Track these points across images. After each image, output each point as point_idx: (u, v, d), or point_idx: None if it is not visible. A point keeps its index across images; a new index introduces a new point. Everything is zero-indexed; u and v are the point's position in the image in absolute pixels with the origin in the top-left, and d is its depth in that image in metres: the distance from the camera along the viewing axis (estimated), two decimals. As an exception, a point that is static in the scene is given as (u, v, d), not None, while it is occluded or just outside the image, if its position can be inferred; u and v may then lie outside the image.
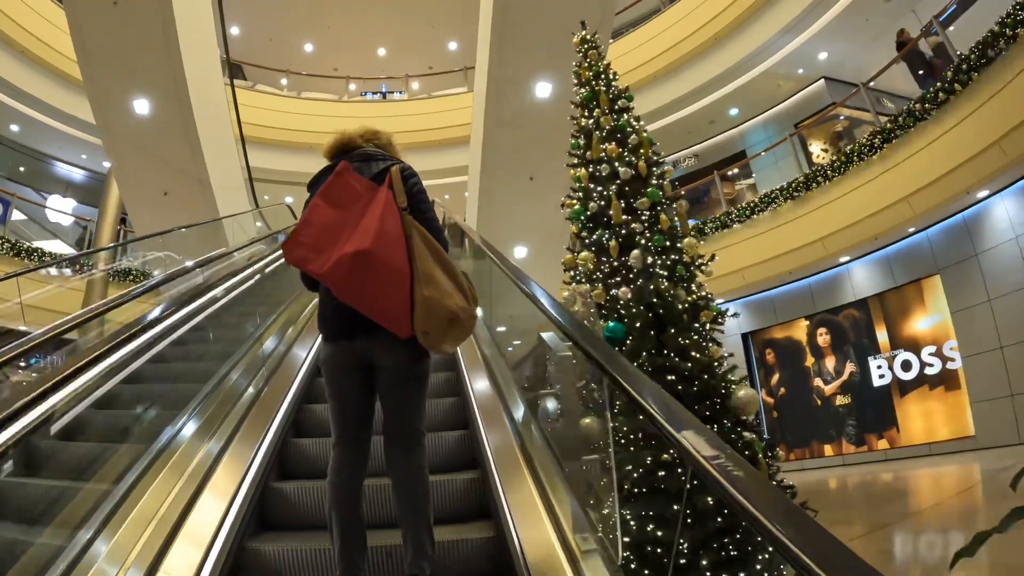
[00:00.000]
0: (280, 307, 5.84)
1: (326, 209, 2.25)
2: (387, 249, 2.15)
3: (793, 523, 1.01)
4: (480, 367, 3.99)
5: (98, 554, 2.13)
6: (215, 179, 10.83)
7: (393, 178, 2.34)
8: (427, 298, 2.13)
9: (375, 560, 2.48)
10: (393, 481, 2.28)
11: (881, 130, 10.54)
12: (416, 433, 2.31)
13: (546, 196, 11.34)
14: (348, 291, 2.15)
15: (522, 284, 3.18)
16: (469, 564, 2.53)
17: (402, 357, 2.26)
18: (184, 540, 2.33)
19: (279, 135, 16.97)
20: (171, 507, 2.46)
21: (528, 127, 9.83)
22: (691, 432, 1.38)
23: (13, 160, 16.54)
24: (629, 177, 5.16)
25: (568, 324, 2.48)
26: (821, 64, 14.50)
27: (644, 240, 4.90)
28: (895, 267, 11.48)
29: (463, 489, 2.99)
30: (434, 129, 16.97)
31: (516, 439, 3.02)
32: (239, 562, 2.49)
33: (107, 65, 9.07)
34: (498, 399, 3.46)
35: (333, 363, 2.31)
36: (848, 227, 11.16)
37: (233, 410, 3.35)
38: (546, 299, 2.84)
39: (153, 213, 10.95)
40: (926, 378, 10.96)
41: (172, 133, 10.08)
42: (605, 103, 5.54)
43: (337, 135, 2.52)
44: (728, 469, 1.19)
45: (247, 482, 2.78)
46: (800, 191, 11.97)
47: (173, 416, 3.15)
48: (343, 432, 2.31)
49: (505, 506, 2.54)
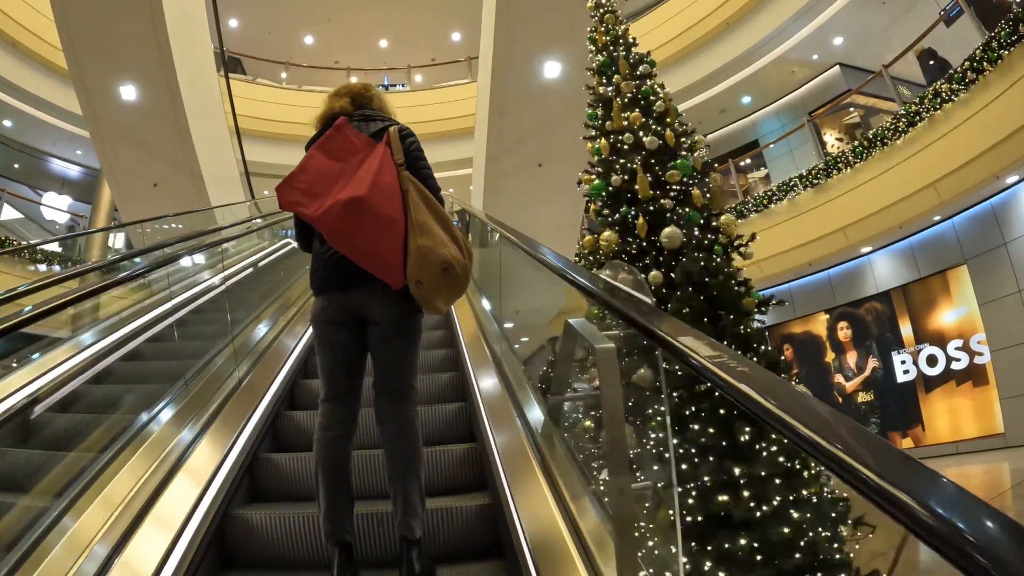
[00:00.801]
0: (275, 294, 5.87)
1: (323, 159, 2.28)
2: (382, 198, 2.17)
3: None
4: (490, 368, 3.60)
5: (92, 500, 2.22)
6: (207, 170, 10.68)
7: (391, 137, 2.37)
8: (421, 247, 2.15)
9: (365, 527, 2.43)
10: (382, 436, 2.26)
11: (905, 113, 10.25)
12: (407, 388, 2.30)
13: (556, 184, 11.24)
14: (341, 237, 2.16)
15: (537, 252, 2.88)
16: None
17: (394, 311, 2.25)
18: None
19: (279, 128, 16.96)
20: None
21: (535, 111, 9.61)
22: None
23: (7, 157, 16.55)
24: (656, 147, 4.73)
25: (600, 289, 2.09)
26: (836, 50, 14.30)
27: (675, 217, 4.47)
28: (919, 257, 11.23)
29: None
30: (437, 120, 16.86)
31: (535, 454, 2.57)
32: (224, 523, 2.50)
33: (92, 49, 8.96)
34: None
35: (324, 316, 2.30)
36: (871, 216, 10.94)
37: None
38: (568, 266, 2.52)
39: (143, 206, 10.73)
40: (952, 373, 10.71)
41: (161, 123, 9.98)
42: (625, 69, 5.15)
43: (328, 105, 2.51)
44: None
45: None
46: (820, 178, 11.68)
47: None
48: (332, 388, 2.29)
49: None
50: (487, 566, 2.34)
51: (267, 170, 15.99)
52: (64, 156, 17.16)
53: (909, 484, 0.69)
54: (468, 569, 2.31)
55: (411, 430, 2.25)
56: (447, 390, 3.78)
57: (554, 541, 2.00)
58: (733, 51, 14.84)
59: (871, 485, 0.72)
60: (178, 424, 2.87)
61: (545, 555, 1.96)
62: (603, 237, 4.60)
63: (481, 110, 10.70)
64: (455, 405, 3.45)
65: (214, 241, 5.05)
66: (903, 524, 0.66)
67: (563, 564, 1.91)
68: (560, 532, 2.02)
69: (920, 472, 0.72)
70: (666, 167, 4.68)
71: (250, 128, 16.09)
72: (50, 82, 13.97)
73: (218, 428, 2.91)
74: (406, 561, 2.10)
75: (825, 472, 3.42)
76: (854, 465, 0.75)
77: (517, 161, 10.19)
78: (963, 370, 10.55)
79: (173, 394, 3.21)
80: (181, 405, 3.06)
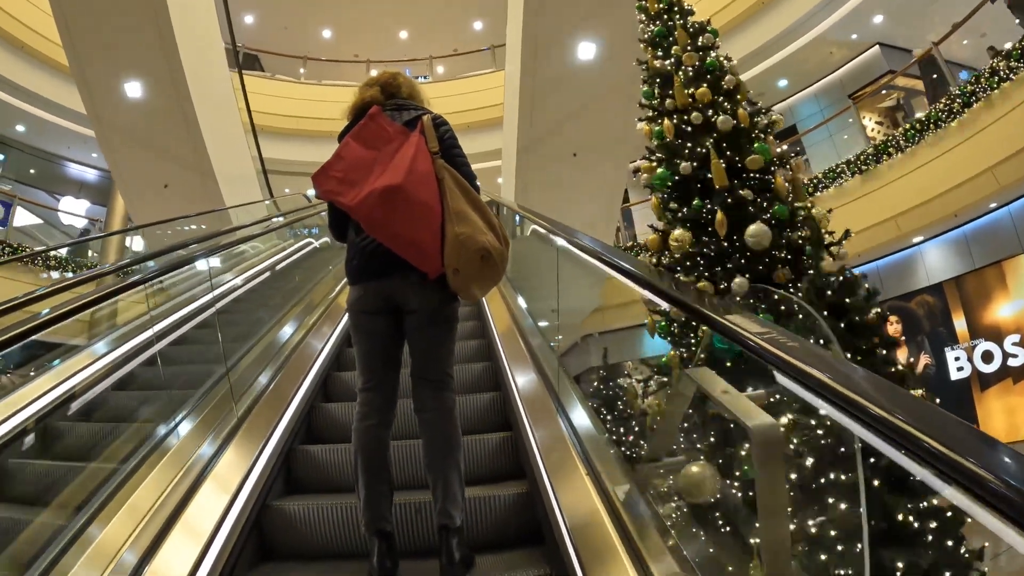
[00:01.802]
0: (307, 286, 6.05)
1: (358, 148, 2.34)
2: (418, 186, 2.23)
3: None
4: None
5: (129, 495, 2.30)
6: (219, 170, 10.55)
7: (425, 125, 2.42)
8: (459, 234, 2.19)
9: (404, 516, 2.51)
10: (421, 425, 2.32)
11: (960, 93, 9.96)
12: (445, 376, 2.36)
13: (592, 174, 10.86)
14: (378, 225, 2.22)
15: (572, 238, 2.75)
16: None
17: (430, 298, 2.31)
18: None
19: (299, 124, 17.12)
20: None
21: (569, 97, 9.37)
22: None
23: (23, 162, 16.93)
24: (730, 128, 4.20)
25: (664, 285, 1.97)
26: (876, 28, 14.08)
27: (754, 210, 3.93)
28: (973, 247, 10.94)
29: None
30: (462, 112, 16.67)
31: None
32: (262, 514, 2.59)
33: (93, 45, 8.83)
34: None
35: (360, 305, 2.36)
36: (924, 204, 10.68)
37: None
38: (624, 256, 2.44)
39: (154, 208, 10.71)
40: (1010, 370, 10.38)
41: (169, 121, 9.83)
42: (684, 39, 4.69)
43: (359, 95, 2.58)
44: None
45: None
46: (869, 164, 11.39)
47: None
48: (370, 376, 2.36)
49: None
50: (526, 554, 2.39)
51: (288, 167, 16.11)
52: (79, 159, 17.46)
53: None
54: (507, 557, 2.37)
55: (450, 418, 2.31)
56: (480, 380, 3.86)
57: (595, 528, 2.03)
58: (769, 32, 14.62)
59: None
60: (215, 418, 2.96)
61: (587, 542, 2.00)
62: (673, 236, 4.08)
63: (510, 98, 10.57)
64: (489, 394, 3.53)
65: (230, 242, 5.17)
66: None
67: (606, 551, 1.93)
68: (601, 518, 2.05)
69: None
70: (743, 151, 4.16)
71: (269, 125, 16.28)
72: (60, 84, 14.13)
73: (254, 421, 2.99)
74: (446, 550, 2.15)
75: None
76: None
77: (550, 151, 9.99)
78: (1021, 367, 10.22)
79: (205, 390, 3.31)
80: (217, 399, 3.15)
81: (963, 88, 10.02)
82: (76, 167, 17.65)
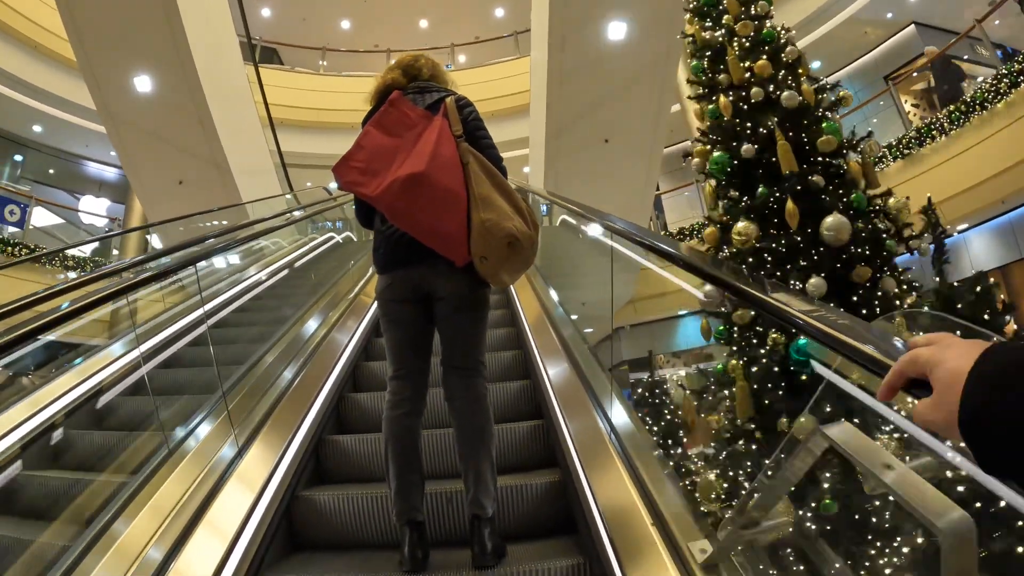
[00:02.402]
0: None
1: (379, 135, 2.33)
2: (442, 173, 2.20)
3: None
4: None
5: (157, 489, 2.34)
6: (235, 163, 10.50)
7: (448, 108, 2.40)
8: (485, 221, 2.17)
9: (435, 506, 2.53)
10: (452, 413, 2.32)
11: (1008, 72, 9.67)
12: (476, 364, 2.37)
13: (625, 161, 10.57)
14: (402, 215, 2.21)
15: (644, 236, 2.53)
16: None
17: (460, 285, 2.30)
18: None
19: (320, 116, 17.24)
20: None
21: (599, 79, 9.10)
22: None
23: (41, 162, 17.12)
24: (795, 105, 3.79)
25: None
26: (911, 7, 13.80)
27: (828, 199, 3.56)
28: (1020, 236, 10.60)
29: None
30: (485, 100, 16.30)
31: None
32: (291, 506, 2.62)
33: (100, 38, 8.74)
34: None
35: (389, 294, 2.37)
36: (969, 189, 10.36)
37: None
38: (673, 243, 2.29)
39: (169, 204, 10.61)
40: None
41: (181, 115, 9.76)
42: (736, 8, 4.28)
43: (381, 79, 2.59)
44: None
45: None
46: (912, 148, 11.10)
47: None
48: (401, 366, 2.37)
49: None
50: (559, 543, 2.40)
51: (309, 160, 16.24)
52: (98, 158, 17.66)
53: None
54: (540, 546, 2.37)
55: (481, 407, 2.31)
56: (510, 369, 3.88)
57: (629, 516, 2.02)
58: (801, 11, 14.35)
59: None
60: (244, 407, 3.01)
61: (621, 532, 1.99)
62: (737, 229, 3.65)
63: (537, 84, 10.41)
64: (519, 383, 3.54)
65: (248, 235, 5.25)
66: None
67: (641, 539, 1.92)
68: (636, 505, 2.04)
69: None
70: (810, 131, 3.76)
71: (288, 118, 16.46)
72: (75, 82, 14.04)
73: (283, 411, 3.03)
74: (478, 539, 2.16)
75: None
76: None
77: (581, 137, 9.76)
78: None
79: (233, 381, 3.39)
80: (247, 389, 3.22)
81: (1009, 67, 9.72)
82: (95, 166, 17.88)
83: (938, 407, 0.63)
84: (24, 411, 3.11)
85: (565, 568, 2.10)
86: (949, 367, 0.64)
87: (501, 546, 2.22)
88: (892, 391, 0.73)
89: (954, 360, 0.64)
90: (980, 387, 0.59)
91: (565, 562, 2.12)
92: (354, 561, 2.38)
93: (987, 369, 0.60)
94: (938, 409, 0.63)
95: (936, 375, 0.65)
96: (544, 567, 2.11)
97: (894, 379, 0.72)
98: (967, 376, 0.61)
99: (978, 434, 0.59)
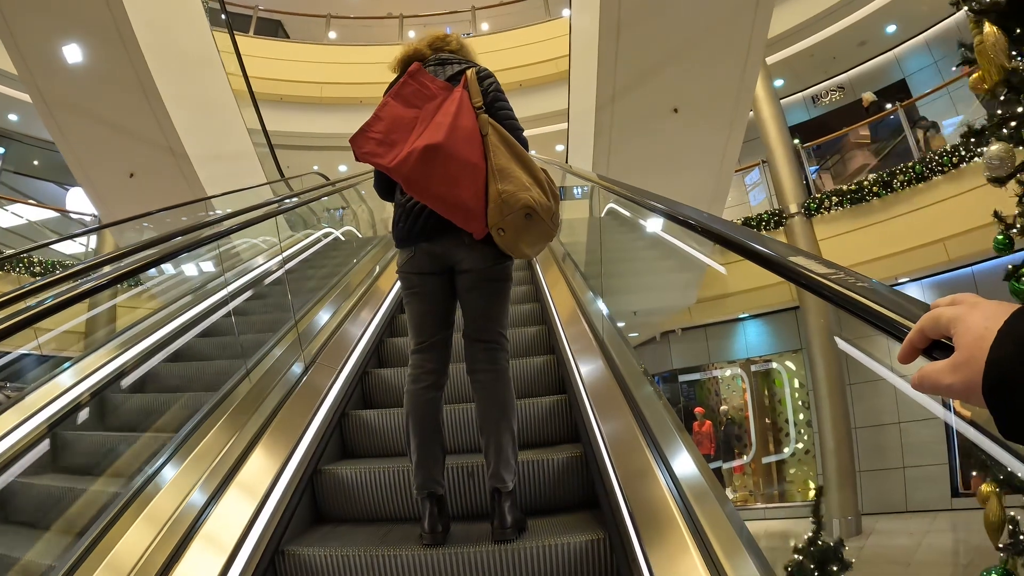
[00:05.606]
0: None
1: (397, 106, 2.51)
2: (460, 144, 2.39)
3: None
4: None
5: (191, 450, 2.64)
6: (193, 148, 9.56)
7: (469, 80, 2.58)
8: (501, 192, 2.35)
9: (455, 479, 2.74)
10: (474, 387, 2.52)
11: None
12: (499, 337, 2.56)
13: (700, 135, 9.21)
14: (418, 186, 2.38)
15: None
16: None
17: (482, 257, 2.50)
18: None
19: (325, 92, 17.11)
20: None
21: (667, 33, 7.74)
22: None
23: (23, 153, 16.92)
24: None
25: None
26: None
27: None
28: None
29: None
30: (511, 69, 16.01)
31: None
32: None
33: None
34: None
35: (410, 267, 2.57)
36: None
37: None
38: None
39: (122, 202, 9.83)
40: None
41: (123, 92, 8.78)
42: None
43: (405, 48, 2.80)
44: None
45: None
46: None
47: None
48: (423, 339, 2.57)
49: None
50: (580, 517, 2.60)
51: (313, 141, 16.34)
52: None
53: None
54: (561, 520, 2.57)
55: (503, 380, 2.51)
56: (533, 344, 4.21)
57: (652, 492, 2.21)
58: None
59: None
60: (268, 383, 3.26)
61: (643, 507, 2.17)
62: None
63: (581, 43, 9.00)
64: (542, 358, 3.82)
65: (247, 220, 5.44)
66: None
67: (663, 516, 2.10)
68: (659, 483, 2.22)
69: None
70: None
71: (289, 94, 16.44)
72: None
73: (308, 385, 3.32)
74: (498, 513, 2.36)
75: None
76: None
77: (640, 107, 8.59)
78: None
79: (257, 358, 3.68)
80: (271, 365, 3.48)
81: None
82: (83, 155, 17.80)
83: (958, 368, 0.63)
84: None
85: (585, 543, 2.30)
86: (974, 327, 0.63)
87: (522, 520, 2.42)
88: (913, 352, 0.73)
89: (980, 320, 0.63)
90: (1010, 349, 0.59)
91: (586, 536, 2.32)
92: (375, 534, 2.62)
93: (1020, 330, 0.59)
94: (958, 371, 0.63)
95: (959, 335, 0.65)
96: (564, 541, 2.31)
97: (916, 338, 0.72)
98: (995, 337, 0.60)
99: (1005, 399, 0.58)
